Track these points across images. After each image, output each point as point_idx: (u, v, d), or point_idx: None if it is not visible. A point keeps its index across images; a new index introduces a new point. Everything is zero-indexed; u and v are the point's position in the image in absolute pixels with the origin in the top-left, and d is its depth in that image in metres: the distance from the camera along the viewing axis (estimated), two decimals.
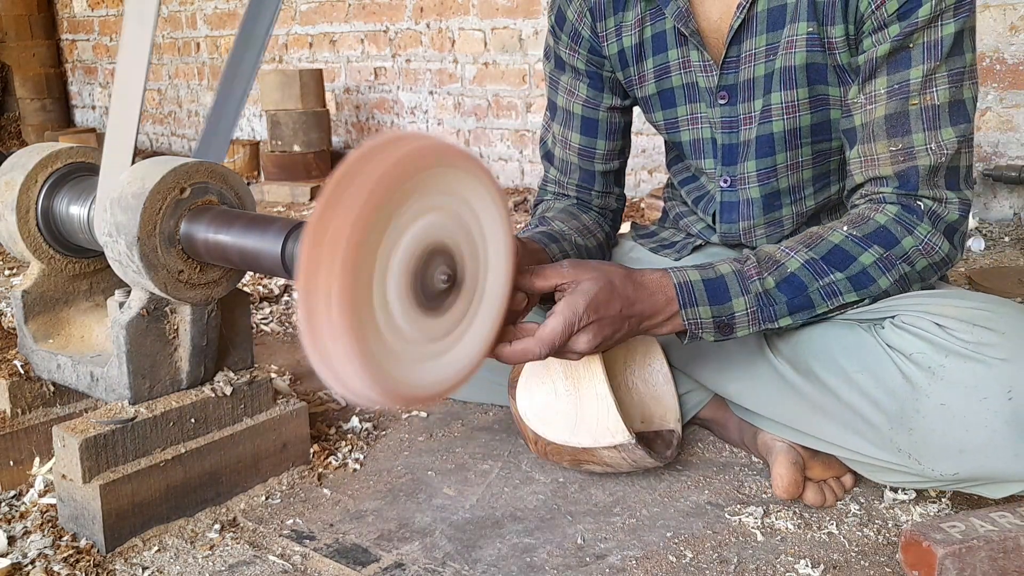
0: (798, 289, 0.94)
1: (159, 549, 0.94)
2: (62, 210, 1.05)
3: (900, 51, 0.94)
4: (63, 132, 4.75)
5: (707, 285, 0.93)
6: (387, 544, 0.95)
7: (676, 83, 1.12)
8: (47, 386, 1.10)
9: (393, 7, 3.81)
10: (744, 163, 1.10)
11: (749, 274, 0.94)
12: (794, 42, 1.01)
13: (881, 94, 0.96)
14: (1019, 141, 2.54)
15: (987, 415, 0.87)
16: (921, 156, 0.95)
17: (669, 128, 1.17)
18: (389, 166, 0.67)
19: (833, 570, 0.89)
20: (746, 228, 1.15)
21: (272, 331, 1.74)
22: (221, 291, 1.02)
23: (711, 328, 0.93)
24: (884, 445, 0.94)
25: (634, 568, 0.89)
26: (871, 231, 0.95)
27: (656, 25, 1.10)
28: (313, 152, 3.67)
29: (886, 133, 0.96)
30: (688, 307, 0.92)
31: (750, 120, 1.08)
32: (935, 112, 0.94)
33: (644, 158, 3.21)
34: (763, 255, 0.97)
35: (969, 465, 0.89)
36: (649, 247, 1.30)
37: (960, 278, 1.99)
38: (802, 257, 0.95)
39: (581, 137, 1.21)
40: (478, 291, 0.79)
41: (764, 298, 0.94)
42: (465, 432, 1.23)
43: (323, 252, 0.64)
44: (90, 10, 5.17)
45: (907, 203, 0.96)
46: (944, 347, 0.90)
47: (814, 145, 1.08)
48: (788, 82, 1.03)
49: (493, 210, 0.78)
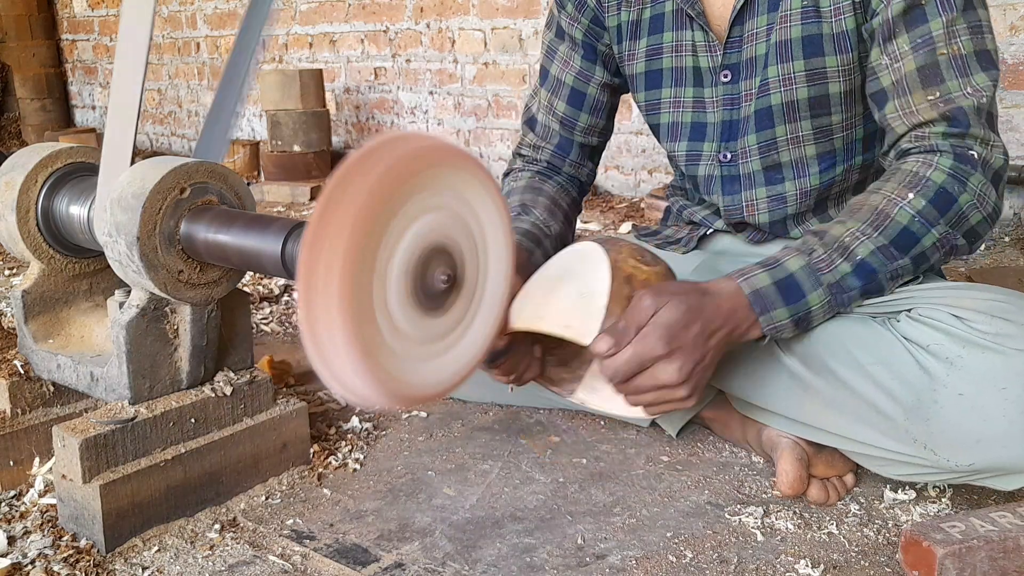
0: (870, 275, 0.94)
1: (159, 549, 0.94)
2: (62, 210, 1.06)
3: (913, 8, 0.96)
4: (63, 132, 4.75)
5: (779, 286, 0.92)
6: (387, 544, 0.95)
7: (666, 65, 1.15)
8: (47, 386, 1.10)
9: (393, 7, 3.81)
10: (744, 137, 1.12)
11: (819, 266, 0.94)
12: (788, 16, 1.03)
13: (906, 51, 0.97)
14: (1019, 141, 2.54)
15: (1006, 405, 0.87)
16: (960, 99, 0.96)
17: (649, 109, 1.20)
18: (389, 166, 0.67)
19: (833, 570, 0.89)
20: (748, 200, 1.16)
21: (272, 331, 1.74)
22: (221, 291, 1.02)
23: (790, 327, 0.94)
24: (899, 436, 0.94)
25: (634, 568, 0.89)
26: (932, 195, 0.94)
27: (656, 7, 1.14)
28: (313, 152, 3.67)
29: (920, 84, 0.97)
30: (764, 313, 0.91)
31: (750, 96, 1.10)
32: (964, 60, 0.96)
33: (644, 158, 3.21)
34: (829, 239, 0.95)
35: (986, 455, 0.89)
36: (654, 244, 1.30)
37: (960, 278, 1.99)
38: (873, 242, 0.94)
39: (567, 107, 1.24)
40: (478, 291, 0.79)
41: (837, 287, 0.94)
42: (465, 432, 1.23)
43: (323, 252, 0.64)
44: (90, 10, 5.17)
45: (960, 150, 0.96)
46: (962, 338, 0.91)
47: (813, 119, 1.08)
48: (784, 55, 1.05)
49: (493, 210, 0.78)
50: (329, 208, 0.64)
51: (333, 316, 0.65)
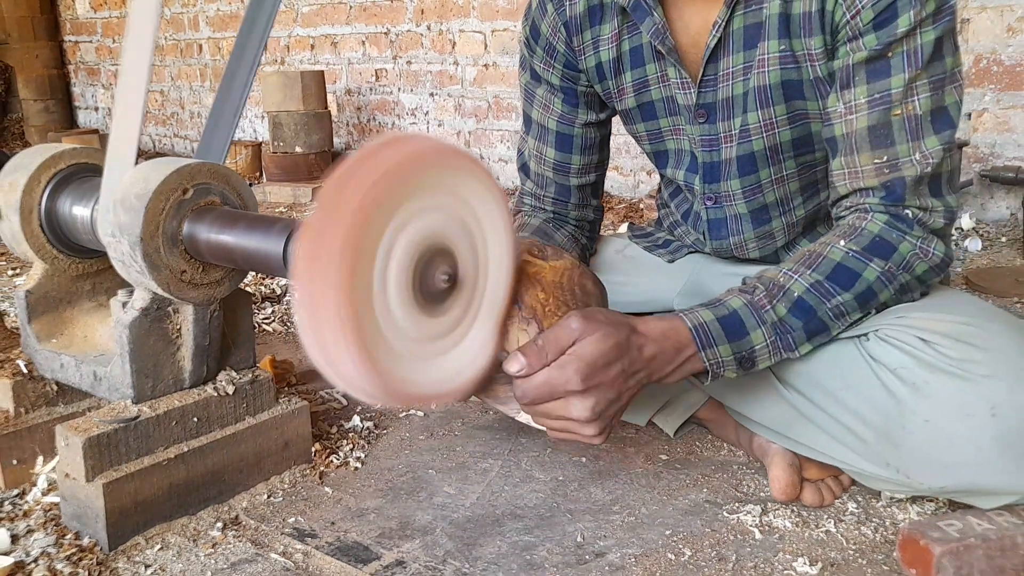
0: (809, 313, 0.92)
1: (162, 547, 0.95)
2: (65, 211, 1.06)
3: (878, 59, 0.92)
4: (66, 133, 4.76)
5: (722, 322, 0.90)
6: (388, 542, 0.95)
7: (656, 96, 1.10)
8: (50, 385, 1.11)
9: (394, 9, 3.81)
10: (728, 181, 1.09)
11: (761, 303, 0.92)
12: (766, 60, 0.99)
13: (862, 104, 0.93)
14: (1016, 142, 2.54)
15: (973, 432, 0.86)
16: (906, 167, 0.93)
17: (653, 139, 1.15)
18: (389, 166, 0.67)
19: (831, 568, 0.89)
20: (737, 243, 1.15)
21: (274, 331, 1.75)
22: (223, 291, 1.02)
23: (733, 365, 0.90)
24: (872, 458, 0.93)
25: (633, 566, 0.90)
26: (867, 243, 0.94)
27: (633, 39, 1.07)
28: (315, 153, 3.68)
29: (869, 145, 0.94)
30: (707, 348, 0.88)
31: (730, 139, 1.06)
32: (918, 121, 0.92)
33: (644, 159, 3.21)
34: (767, 281, 0.94)
35: (957, 479, 0.88)
36: (643, 246, 1.31)
37: (957, 279, 1.99)
38: (806, 280, 0.92)
39: (556, 152, 1.19)
40: (479, 292, 0.80)
41: (780, 327, 0.92)
42: (465, 431, 1.24)
43: (323, 249, 0.65)
44: (93, 12, 5.18)
45: (895, 212, 0.95)
46: (928, 363, 0.89)
47: (797, 158, 1.06)
48: (764, 100, 1.01)
49: (494, 211, 0.78)
50: (329, 206, 0.65)
51: (332, 312, 0.65)
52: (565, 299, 0.85)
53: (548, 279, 0.84)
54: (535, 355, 0.80)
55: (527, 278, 0.83)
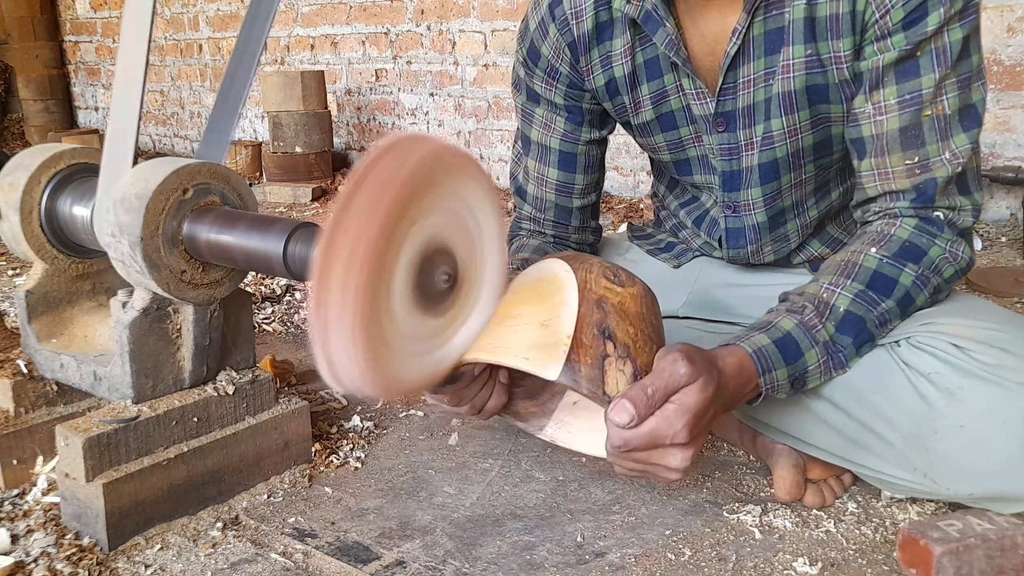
0: (858, 325, 0.92)
1: (162, 547, 0.95)
2: (65, 211, 1.06)
3: (907, 59, 0.91)
4: (66, 133, 4.76)
5: (778, 345, 0.88)
6: (388, 542, 0.95)
7: (676, 106, 1.08)
8: (50, 385, 1.11)
9: (394, 9, 3.81)
10: (748, 190, 1.08)
11: (812, 323, 0.91)
12: (791, 66, 0.97)
13: (892, 104, 0.93)
14: (1016, 142, 2.54)
15: (1006, 439, 0.86)
16: (937, 167, 0.93)
17: (673, 148, 1.13)
18: (412, 167, 0.67)
19: (831, 568, 0.89)
20: (754, 250, 1.15)
21: (274, 331, 1.75)
22: (223, 291, 1.02)
23: (787, 387, 0.90)
24: (898, 462, 0.93)
25: (633, 566, 0.90)
26: (898, 248, 0.93)
27: (647, 51, 1.05)
28: (315, 153, 3.68)
29: (900, 146, 0.93)
30: (766, 373, 0.87)
31: (752, 147, 1.04)
32: (947, 121, 0.92)
33: (644, 159, 3.21)
34: (811, 298, 0.92)
35: (985, 486, 0.88)
36: (646, 249, 1.30)
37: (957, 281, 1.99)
38: (850, 291, 0.92)
39: (559, 172, 1.16)
40: (474, 293, 0.80)
41: (831, 346, 0.91)
42: (465, 431, 1.24)
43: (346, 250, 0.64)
44: (93, 12, 5.18)
45: (925, 215, 0.95)
46: (962, 368, 0.89)
47: (816, 162, 1.06)
48: (789, 107, 1.00)
49: (489, 213, 0.79)
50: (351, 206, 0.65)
51: (348, 311, 0.65)
52: (648, 332, 0.81)
53: (633, 310, 0.79)
54: (644, 406, 0.75)
55: (612, 309, 0.78)
